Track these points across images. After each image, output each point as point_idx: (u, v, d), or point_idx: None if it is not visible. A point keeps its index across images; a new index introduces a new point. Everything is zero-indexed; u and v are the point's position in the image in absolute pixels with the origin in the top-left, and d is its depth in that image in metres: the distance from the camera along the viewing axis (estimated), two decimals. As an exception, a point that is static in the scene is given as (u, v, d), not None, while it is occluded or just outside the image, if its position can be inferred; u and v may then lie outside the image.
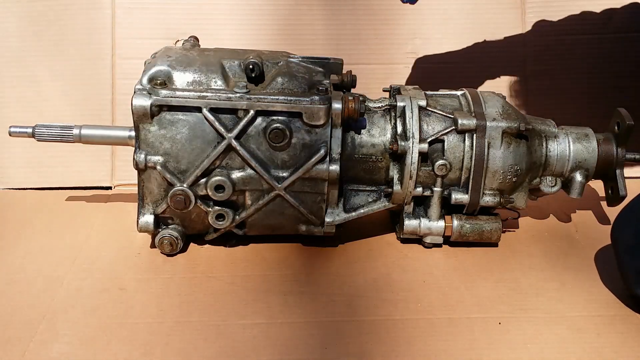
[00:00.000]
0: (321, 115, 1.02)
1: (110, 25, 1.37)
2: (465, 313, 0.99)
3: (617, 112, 1.14)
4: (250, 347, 0.91)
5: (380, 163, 1.09)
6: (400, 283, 1.05)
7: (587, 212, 1.26)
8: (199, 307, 0.99)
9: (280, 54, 1.10)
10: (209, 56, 1.07)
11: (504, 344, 0.93)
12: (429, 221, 1.11)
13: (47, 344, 0.91)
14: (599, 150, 1.12)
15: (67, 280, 1.04)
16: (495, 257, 1.12)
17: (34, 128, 1.10)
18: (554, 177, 1.13)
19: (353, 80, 1.12)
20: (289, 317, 0.97)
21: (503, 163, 1.07)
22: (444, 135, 1.07)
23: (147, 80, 1.03)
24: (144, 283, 1.04)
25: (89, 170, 1.35)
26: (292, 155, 1.05)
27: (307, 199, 1.07)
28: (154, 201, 1.07)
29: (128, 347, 0.91)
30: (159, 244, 1.09)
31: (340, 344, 0.92)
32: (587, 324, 0.97)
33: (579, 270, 1.09)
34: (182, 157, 1.04)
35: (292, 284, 1.04)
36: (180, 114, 1.03)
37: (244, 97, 1.02)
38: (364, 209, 1.11)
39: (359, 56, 1.40)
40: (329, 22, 1.41)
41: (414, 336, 0.94)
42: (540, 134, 1.12)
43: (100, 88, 1.36)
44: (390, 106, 1.10)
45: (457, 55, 1.41)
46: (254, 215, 1.08)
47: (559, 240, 1.18)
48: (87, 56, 1.36)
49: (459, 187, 1.10)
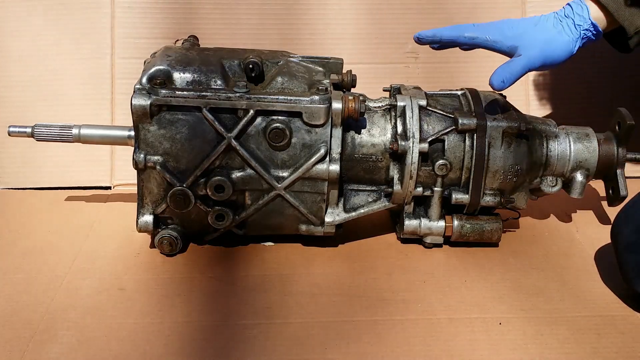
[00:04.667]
0: (321, 115, 1.02)
1: (110, 24, 1.36)
2: (465, 313, 0.99)
3: (617, 112, 1.14)
4: (250, 347, 0.91)
5: (381, 163, 1.09)
6: (400, 283, 1.05)
7: (588, 212, 1.26)
8: (199, 307, 0.99)
9: (280, 54, 1.10)
10: (209, 56, 1.07)
11: (504, 344, 0.93)
12: (429, 221, 1.11)
13: (46, 344, 0.91)
14: (600, 150, 1.12)
15: (66, 280, 1.04)
16: (495, 257, 1.12)
17: (33, 128, 1.10)
18: (554, 177, 1.13)
19: (353, 80, 1.11)
20: (289, 317, 0.97)
21: (504, 163, 1.07)
22: (444, 135, 1.07)
23: (147, 80, 1.02)
24: (143, 283, 1.04)
25: (88, 170, 1.35)
26: (292, 155, 1.05)
27: (307, 198, 1.07)
28: (153, 201, 1.07)
29: (128, 347, 0.91)
30: (159, 244, 1.09)
31: (340, 344, 0.92)
32: (587, 324, 0.97)
33: (579, 270, 1.09)
34: (182, 157, 1.04)
35: (292, 284, 1.04)
36: (180, 114, 1.02)
37: (244, 96, 1.02)
38: (364, 209, 1.11)
39: (359, 56, 1.40)
40: (329, 22, 1.40)
41: (414, 336, 0.94)
42: (540, 134, 1.12)
43: (100, 88, 1.36)
44: (390, 106, 1.10)
45: (457, 55, 1.41)
46: (253, 215, 1.08)
47: (559, 240, 1.18)
48: (86, 56, 1.36)
49: (459, 187, 1.09)
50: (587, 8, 1.10)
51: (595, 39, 1.11)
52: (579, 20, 1.09)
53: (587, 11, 1.10)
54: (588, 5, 1.10)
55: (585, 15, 1.09)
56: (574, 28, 1.09)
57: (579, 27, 1.09)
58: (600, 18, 1.10)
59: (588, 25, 1.09)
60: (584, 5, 1.10)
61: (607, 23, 1.11)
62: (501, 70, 1.05)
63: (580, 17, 1.09)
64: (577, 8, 1.11)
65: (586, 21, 1.09)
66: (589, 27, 1.09)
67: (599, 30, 1.10)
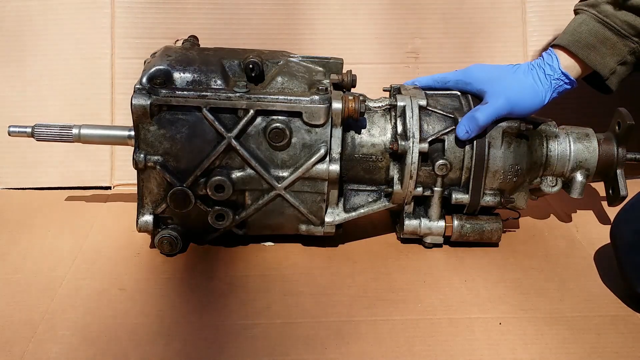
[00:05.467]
0: (321, 115, 1.02)
1: (110, 24, 1.36)
2: (465, 313, 0.99)
3: (617, 112, 1.14)
4: (250, 347, 0.91)
5: (381, 163, 1.09)
6: (400, 283, 1.05)
7: (588, 212, 1.26)
8: (199, 307, 0.99)
9: (280, 54, 1.10)
10: (209, 55, 1.07)
11: (504, 344, 0.93)
12: (429, 221, 1.11)
13: (46, 344, 0.91)
14: (600, 150, 1.12)
15: (66, 280, 1.04)
16: (495, 257, 1.12)
17: (33, 128, 1.10)
18: (554, 177, 1.13)
19: (353, 80, 1.11)
20: (289, 317, 0.97)
21: (504, 163, 1.07)
22: (444, 135, 1.07)
23: (147, 80, 1.02)
24: (143, 283, 1.04)
25: (88, 170, 1.35)
26: (292, 155, 1.05)
27: (307, 198, 1.07)
28: (153, 201, 1.07)
29: (128, 347, 0.91)
30: (159, 244, 1.09)
31: (340, 344, 0.92)
32: (587, 324, 0.97)
33: (579, 270, 1.09)
34: (182, 156, 1.04)
35: (292, 284, 1.04)
36: (180, 114, 1.02)
37: (244, 96, 1.02)
38: (364, 209, 1.11)
39: (359, 56, 1.40)
40: (329, 22, 1.40)
41: (414, 336, 0.94)
42: (540, 134, 1.12)
43: (100, 87, 1.36)
44: (390, 106, 1.10)
45: (457, 55, 1.41)
46: (253, 215, 1.08)
47: (559, 240, 1.18)
48: (86, 56, 1.36)
49: (459, 187, 1.09)
50: (556, 58, 1.09)
51: (571, 87, 1.10)
52: (549, 70, 1.08)
53: (556, 61, 1.08)
54: (557, 55, 1.09)
55: (555, 65, 1.08)
56: (544, 78, 1.08)
57: (549, 77, 1.08)
58: (573, 66, 1.09)
59: (559, 75, 1.08)
60: (553, 55, 1.09)
61: (581, 69, 1.09)
62: (466, 120, 1.05)
63: (550, 67, 1.08)
64: (547, 58, 1.10)
65: (556, 71, 1.08)
66: (559, 77, 1.08)
67: (572, 79, 1.08)
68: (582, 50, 1.08)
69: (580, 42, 1.08)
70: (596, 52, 1.08)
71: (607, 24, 1.07)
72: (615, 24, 1.07)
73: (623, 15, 1.06)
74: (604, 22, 1.07)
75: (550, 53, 1.10)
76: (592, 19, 1.08)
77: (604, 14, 1.07)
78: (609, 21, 1.07)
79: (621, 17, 1.06)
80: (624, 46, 1.08)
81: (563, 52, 1.09)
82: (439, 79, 1.13)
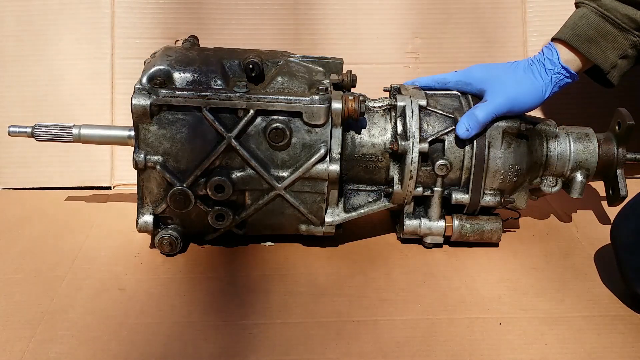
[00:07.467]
0: (321, 115, 1.02)
1: (110, 24, 1.36)
2: (465, 313, 0.99)
3: (617, 112, 1.14)
4: (250, 347, 0.91)
5: (381, 163, 1.09)
6: (400, 283, 1.05)
7: (588, 212, 1.26)
8: (199, 307, 0.99)
9: (280, 54, 1.10)
10: (209, 56, 1.07)
11: (504, 344, 0.93)
12: (430, 221, 1.11)
13: (46, 344, 0.91)
14: (600, 150, 1.12)
15: (66, 280, 1.04)
16: (495, 257, 1.12)
17: (33, 128, 1.10)
18: (554, 177, 1.13)
19: (353, 80, 1.11)
20: (289, 317, 0.97)
21: (504, 163, 1.07)
22: (444, 135, 1.07)
23: (147, 80, 1.02)
24: (143, 283, 1.04)
25: (88, 170, 1.35)
26: (292, 155, 1.05)
27: (307, 198, 1.07)
28: (153, 201, 1.07)
29: (128, 347, 0.91)
30: (159, 244, 1.09)
31: (340, 344, 0.92)
32: (587, 324, 0.97)
33: (579, 270, 1.09)
34: (182, 156, 1.04)
35: (292, 284, 1.04)
36: (180, 114, 1.02)
37: (244, 96, 1.02)
38: (364, 209, 1.11)
39: (359, 56, 1.40)
40: (329, 22, 1.40)
41: (414, 336, 0.94)
42: (540, 134, 1.12)
43: (100, 87, 1.36)
44: (390, 106, 1.10)
45: (457, 55, 1.41)
46: (254, 215, 1.08)
47: (559, 240, 1.18)
48: (86, 56, 1.36)
49: (459, 187, 1.09)
50: (556, 52, 1.08)
51: (572, 80, 1.09)
52: (549, 64, 1.08)
53: (557, 55, 1.08)
54: (557, 49, 1.09)
55: (555, 60, 1.08)
56: (545, 73, 1.07)
57: (549, 72, 1.07)
58: (573, 60, 1.09)
59: (559, 69, 1.08)
60: (553, 49, 1.09)
61: (581, 63, 1.09)
62: (466, 118, 1.05)
63: (551, 62, 1.08)
64: (547, 52, 1.09)
65: (556, 65, 1.08)
66: (560, 71, 1.08)
67: (572, 73, 1.08)
68: (583, 44, 1.08)
69: (580, 36, 1.08)
70: (597, 46, 1.08)
71: (607, 18, 1.07)
72: (616, 18, 1.06)
73: (624, 9, 1.06)
74: (604, 15, 1.07)
75: (551, 47, 1.10)
76: (592, 13, 1.08)
77: (605, 8, 1.07)
78: (610, 14, 1.07)
79: (622, 11, 1.06)
80: (624, 40, 1.08)
81: (563, 46, 1.09)
82: (439, 79, 1.13)
